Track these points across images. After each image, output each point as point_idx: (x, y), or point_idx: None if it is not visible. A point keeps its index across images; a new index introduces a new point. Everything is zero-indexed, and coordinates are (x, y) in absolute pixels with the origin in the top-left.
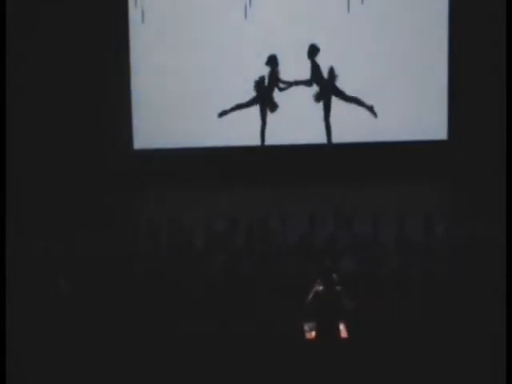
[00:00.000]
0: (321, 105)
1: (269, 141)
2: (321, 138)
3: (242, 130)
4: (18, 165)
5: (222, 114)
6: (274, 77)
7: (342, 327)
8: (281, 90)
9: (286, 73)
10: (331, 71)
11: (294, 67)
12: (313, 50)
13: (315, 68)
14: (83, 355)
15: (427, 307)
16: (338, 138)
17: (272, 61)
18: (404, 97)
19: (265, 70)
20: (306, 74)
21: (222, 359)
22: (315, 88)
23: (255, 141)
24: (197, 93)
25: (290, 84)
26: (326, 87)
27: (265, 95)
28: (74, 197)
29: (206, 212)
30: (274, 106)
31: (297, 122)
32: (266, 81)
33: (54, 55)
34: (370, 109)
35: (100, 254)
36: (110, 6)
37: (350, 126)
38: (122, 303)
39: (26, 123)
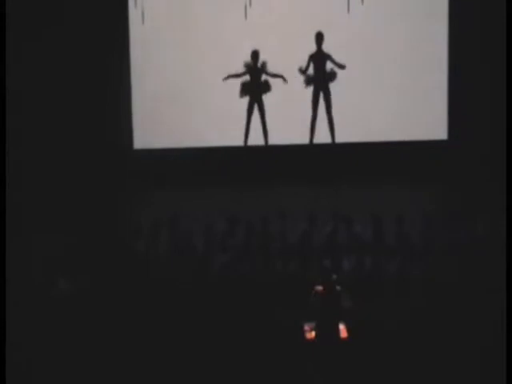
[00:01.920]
0: (322, 105)
1: (269, 141)
2: (321, 138)
3: (242, 130)
4: (18, 165)
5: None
6: (260, 71)
7: (342, 327)
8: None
9: (285, 73)
10: (331, 73)
11: (293, 67)
12: (319, 37)
13: (320, 56)
14: (83, 355)
15: (427, 307)
16: (337, 138)
17: (254, 56)
18: (404, 97)
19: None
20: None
21: (222, 359)
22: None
23: (256, 141)
24: (197, 93)
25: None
26: (322, 79)
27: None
28: (74, 197)
29: (206, 212)
30: (266, 88)
31: (297, 122)
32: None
33: (54, 55)
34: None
35: (100, 254)
36: (110, 6)
37: (350, 126)
38: (122, 303)
39: (26, 123)
